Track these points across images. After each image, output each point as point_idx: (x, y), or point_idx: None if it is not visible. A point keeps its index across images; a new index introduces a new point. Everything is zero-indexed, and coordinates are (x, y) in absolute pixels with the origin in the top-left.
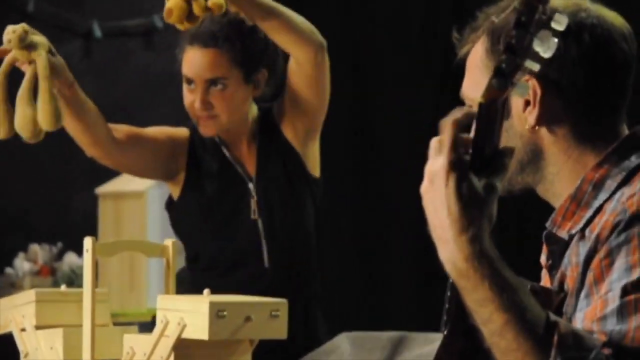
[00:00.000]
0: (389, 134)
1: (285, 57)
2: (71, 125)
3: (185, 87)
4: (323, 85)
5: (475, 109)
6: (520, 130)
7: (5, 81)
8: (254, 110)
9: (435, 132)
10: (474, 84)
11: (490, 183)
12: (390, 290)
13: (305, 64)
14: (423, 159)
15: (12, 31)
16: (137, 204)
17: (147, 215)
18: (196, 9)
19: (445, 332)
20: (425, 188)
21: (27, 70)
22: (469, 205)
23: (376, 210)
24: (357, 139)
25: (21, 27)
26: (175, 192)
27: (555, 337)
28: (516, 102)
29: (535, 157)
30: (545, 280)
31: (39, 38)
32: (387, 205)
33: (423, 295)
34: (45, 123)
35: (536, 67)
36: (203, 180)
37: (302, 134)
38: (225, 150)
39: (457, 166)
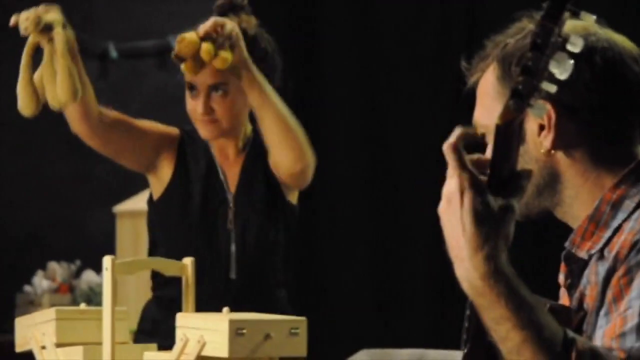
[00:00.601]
0: (404, 150)
1: (285, 68)
2: None
3: (187, 94)
4: (299, 185)
5: (490, 134)
6: (536, 155)
7: (30, 63)
8: (248, 126)
9: None
10: (486, 112)
11: (507, 203)
12: (408, 307)
13: (283, 172)
14: (439, 176)
15: (25, 18)
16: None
17: None
18: (205, 55)
19: (465, 350)
20: (442, 208)
21: (46, 48)
22: (484, 223)
23: (392, 227)
24: (372, 155)
25: (33, 11)
26: (158, 190)
27: (574, 354)
28: (531, 127)
29: (552, 181)
30: (564, 299)
31: (51, 15)
32: (403, 222)
33: (441, 313)
34: (65, 97)
35: (553, 88)
36: (189, 182)
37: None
38: (215, 155)
39: (472, 185)
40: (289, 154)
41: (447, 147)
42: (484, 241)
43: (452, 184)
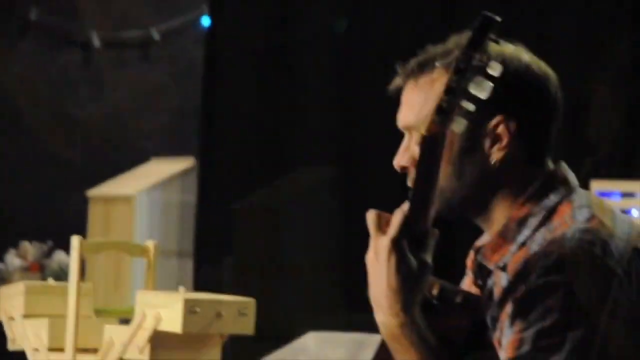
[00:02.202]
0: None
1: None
2: None
3: None
4: None
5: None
6: (482, 165)
7: None
8: None
9: None
10: (419, 115)
11: (424, 261)
12: (355, 292)
13: None
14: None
15: None
16: (126, 208)
17: (135, 218)
18: None
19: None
20: (370, 260)
21: None
22: (406, 281)
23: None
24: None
25: None
26: None
27: None
28: (485, 139)
29: (488, 190)
30: (468, 280)
31: None
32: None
33: None
34: None
35: (471, 107)
36: None
37: None
38: None
39: (399, 246)
40: None
41: (400, 212)
42: (405, 295)
43: (382, 242)
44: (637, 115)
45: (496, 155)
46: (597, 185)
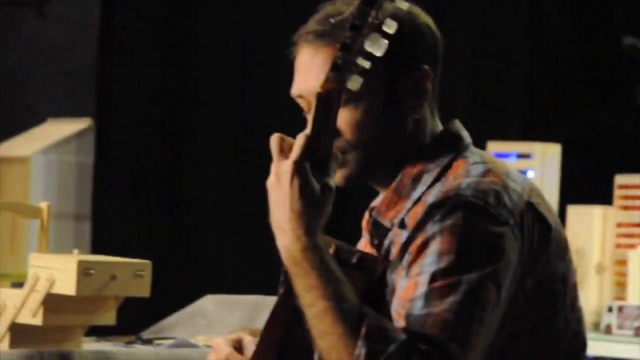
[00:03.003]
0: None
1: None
2: None
3: None
4: None
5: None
6: (404, 120)
7: None
8: None
9: None
10: (312, 80)
11: (327, 185)
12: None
13: None
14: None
15: None
16: (22, 169)
17: (31, 180)
18: None
19: (281, 291)
20: (271, 184)
21: None
22: (309, 204)
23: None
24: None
25: None
26: None
27: (364, 329)
28: (406, 94)
29: (403, 147)
30: (365, 241)
31: None
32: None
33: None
34: None
35: (367, 64)
36: None
37: None
38: None
39: (302, 169)
40: None
41: (304, 134)
42: (308, 219)
43: (284, 165)
44: (535, 78)
45: (419, 109)
46: (493, 147)
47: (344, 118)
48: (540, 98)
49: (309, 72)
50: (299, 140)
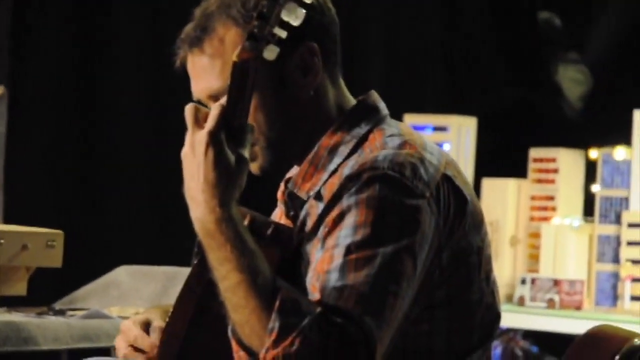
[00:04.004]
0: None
1: None
2: None
3: None
4: None
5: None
6: (299, 99)
7: None
8: None
9: None
10: (224, 76)
11: (242, 156)
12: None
13: None
14: None
15: None
16: None
17: None
18: None
19: (195, 262)
20: (185, 154)
21: None
22: (223, 175)
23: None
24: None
25: None
26: None
27: (277, 302)
28: (294, 72)
29: (307, 121)
30: (280, 212)
31: None
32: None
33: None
34: None
35: (284, 34)
36: None
37: None
38: None
39: (217, 140)
40: None
41: (219, 104)
42: (222, 190)
43: (199, 135)
44: (450, 52)
45: (312, 84)
46: (409, 119)
47: None
48: (456, 72)
49: (215, 68)
50: (214, 111)
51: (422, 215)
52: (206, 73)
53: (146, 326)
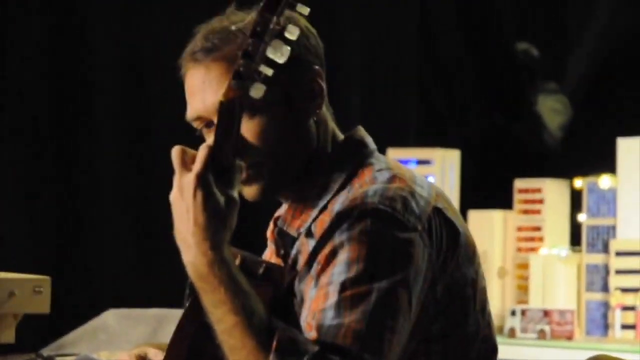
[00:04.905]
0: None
1: None
2: None
3: None
4: None
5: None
6: (302, 124)
7: None
8: None
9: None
10: (213, 96)
11: (231, 197)
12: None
13: None
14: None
15: None
16: None
17: None
18: None
19: (187, 303)
20: (174, 197)
21: None
22: (213, 217)
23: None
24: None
25: None
26: None
27: (275, 342)
28: (301, 100)
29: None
30: (270, 251)
31: None
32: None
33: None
34: None
35: (270, 71)
36: None
37: None
38: None
39: (205, 182)
40: None
41: (206, 145)
42: (213, 233)
43: (186, 178)
44: (427, 84)
45: (317, 108)
46: (393, 153)
47: (249, 130)
48: (434, 104)
49: (205, 91)
50: (201, 152)
51: (415, 249)
52: (197, 93)
53: (142, 359)
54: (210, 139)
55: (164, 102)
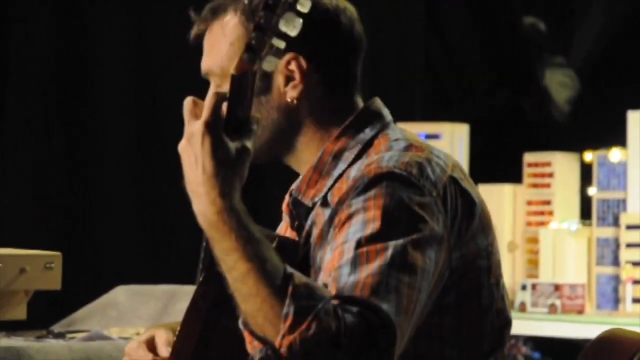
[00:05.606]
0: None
1: None
2: None
3: None
4: None
5: (222, 77)
6: (279, 104)
7: None
8: None
9: None
10: (228, 58)
11: (243, 145)
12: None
13: None
14: None
15: None
16: None
17: None
18: None
19: (201, 279)
20: (183, 146)
21: None
22: (222, 164)
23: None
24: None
25: None
26: None
27: (290, 288)
28: (277, 78)
29: (290, 129)
30: (284, 224)
31: None
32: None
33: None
34: None
35: (282, 44)
36: None
37: None
38: None
39: (213, 129)
40: None
41: (213, 92)
42: (222, 180)
43: (194, 126)
44: (435, 59)
45: (291, 93)
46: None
47: None
48: (442, 79)
49: (205, 53)
50: (209, 100)
51: (430, 213)
52: (207, 50)
53: (151, 345)
54: (219, 87)
55: (171, 81)
